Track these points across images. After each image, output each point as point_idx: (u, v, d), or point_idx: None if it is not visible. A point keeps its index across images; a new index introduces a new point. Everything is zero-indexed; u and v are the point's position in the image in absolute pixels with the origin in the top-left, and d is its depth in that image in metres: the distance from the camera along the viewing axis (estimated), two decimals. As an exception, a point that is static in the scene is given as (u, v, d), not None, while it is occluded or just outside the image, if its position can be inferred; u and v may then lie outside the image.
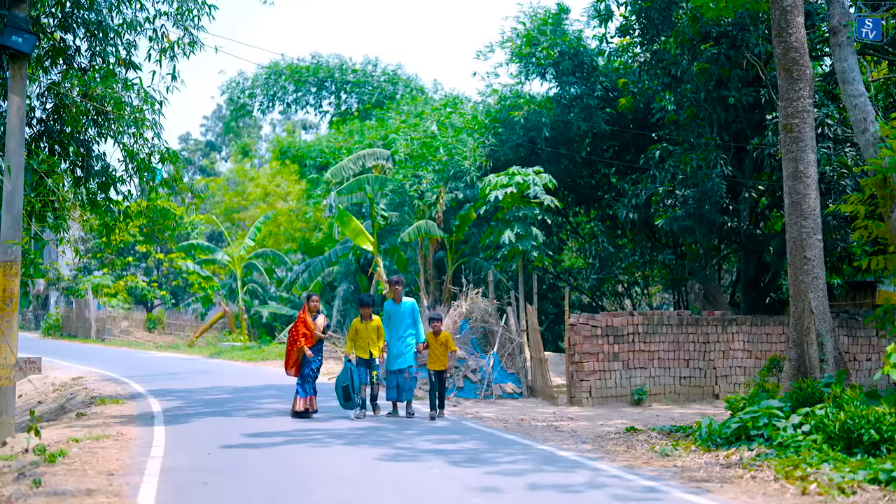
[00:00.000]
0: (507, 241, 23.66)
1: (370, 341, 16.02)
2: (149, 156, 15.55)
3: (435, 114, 31.78)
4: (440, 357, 16.21)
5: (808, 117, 14.16)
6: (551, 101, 27.68)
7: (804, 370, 13.82)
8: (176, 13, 15.55)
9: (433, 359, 16.23)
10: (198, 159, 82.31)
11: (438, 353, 16.21)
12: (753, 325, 20.73)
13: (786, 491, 9.10)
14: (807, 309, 13.81)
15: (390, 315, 16.42)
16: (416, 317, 16.40)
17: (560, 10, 27.65)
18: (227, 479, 9.84)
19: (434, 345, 16.22)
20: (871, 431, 10.24)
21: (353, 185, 29.89)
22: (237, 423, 15.02)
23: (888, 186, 12.58)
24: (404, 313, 16.36)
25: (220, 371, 28.36)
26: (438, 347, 16.20)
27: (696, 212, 21.94)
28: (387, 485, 9.56)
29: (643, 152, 24.96)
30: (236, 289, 44.45)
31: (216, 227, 53.65)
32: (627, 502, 8.73)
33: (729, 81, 22.00)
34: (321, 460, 11.08)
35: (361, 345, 16.03)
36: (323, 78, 44.25)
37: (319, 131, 65.46)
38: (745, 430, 11.96)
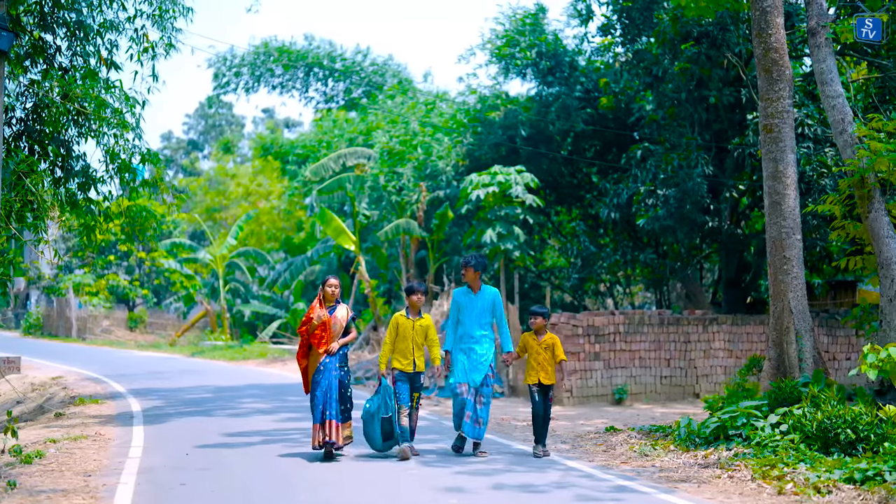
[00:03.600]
0: (488, 241, 23.65)
1: (415, 346, 11.55)
2: (130, 156, 15.47)
3: (417, 110, 31.75)
4: (545, 367, 11.72)
5: (787, 117, 14.20)
6: (531, 100, 27.71)
7: (783, 370, 13.87)
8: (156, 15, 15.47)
9: (535, 369, 11.73)
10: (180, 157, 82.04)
11: (542, 360, 11.74)
12: (734, 325, 20.81)
13: (762, 491, 9.13)
14: (786, 308, 13.86)
15: (461, 308, 11.92)
16: (500, 312, 11.99)
17: (538, 9, 27.67)
18: (205, 479, 9.81)
19: (536, 349, 11.75)
20: (848, 431, 10.29)
21: (334, 184, 29.87)
22: (217, 422, 14.98)
23: (866, 187, 12.63)
24: (483, 308, 11.88)
25: (201, 370, 28.27)
26: (542, 353, 11.73)
27: (677, 211, 21.98)
28: (359, 484, 9.55)
29: (625, 152, 24.99)
30: (218, 288, 44.33)
31: (198, 225, 53.51)
32: (590, 502, 8.75)
33: (710, 81, 22.05)
34: (298, 460, 11.06)
35: (402, 350, 11.53)
36: (312, 64, 44.07)
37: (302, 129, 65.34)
38: (723, 430, 12.00)
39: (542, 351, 11.69)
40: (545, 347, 11.70)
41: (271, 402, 18.47)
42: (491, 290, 11.95)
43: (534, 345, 11.76)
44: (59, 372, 26.93)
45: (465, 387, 11.53)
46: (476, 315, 11.79)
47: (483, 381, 11.63)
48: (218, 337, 42.28)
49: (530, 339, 11.84)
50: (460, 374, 11.65)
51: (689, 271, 27.15)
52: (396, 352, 11.48)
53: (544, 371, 11.67)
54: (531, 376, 11.69)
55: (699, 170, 21.87)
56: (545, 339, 11.78)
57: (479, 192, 23.75)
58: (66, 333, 49.52)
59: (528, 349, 11.80)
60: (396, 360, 11.47)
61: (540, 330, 11.84)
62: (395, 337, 11.53)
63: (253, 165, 54.92)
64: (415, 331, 11.52)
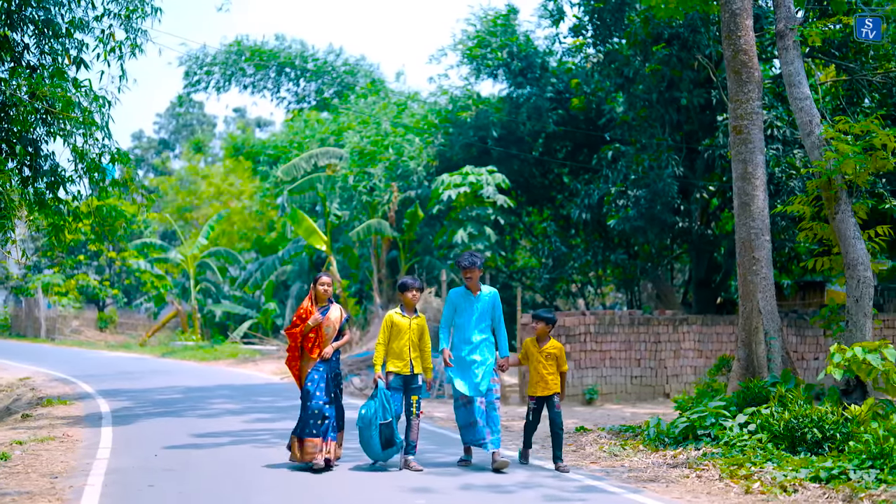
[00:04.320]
0: (460, 241, 23.69)
1: (412, 347, 10.58)
2: (99, 156, 15.35)
3: (389, 110, 31.74)
4: (545, 378, 10.63)
5: (756, 119, 14.28)
6: (503, 101, 27.76)
7: (752, 370, 13.94)
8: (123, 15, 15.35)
9: (535, 379, 10.70)
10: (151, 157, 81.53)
11: (543, 371, 10.65)
12: (704, 325, 20.90)
13: (730, 490, 9.18)
14: (755, 309, 13.94)
15: (458, 309, 10.88)
16: (500, 314, 10.97)
17: (510, 10, 27.73)
18: (173, 480, 9.75)
19: (537, 357, 10.67)
20: (814, 430, 10.36)
21: (305, 184, 29.81)
22: (187, 423, 14.88)
23: (833, 188, 12.73)
24: (484, 310, 10.85)
25: (171, 371, 28.10)
26: (543, 362, 10.65)
27: (647, 212, 22.07)
28: (327, 484, 9.52)
29: (596, 152, 25.09)
30: (189, 288, 44.11)
31: (169, 225, 53.25)
32: (556, 502, 8.76)
33: (680, 83, 22.16)
34: (266, 461, 11.01)
35: (398, 352, 10.54)
36: (283, 63, 43.91)
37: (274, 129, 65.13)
38: (692, 430, 12.06)
39: (544, 360, 10.61)
40: (546, 356, 10.61)
41: (241, 402, 18.40)
42: (491, 291, 10.95)
43: (535, 353, 10.68)
44: (27, 373, 26.69)
45: (466, 399, 10.59)
46: (476, 318, 10.75)
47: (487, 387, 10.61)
48: (189, 337, 42.07)
49: (532, 346, 10.75)
50: (462, 386, 10.60)
51: (660, 272, 27.28)
52: (391, 353, 10.50)
53: (544, 382, 10.58)
54: (531, 388, 10.68)
55: (670, 171, 21.97)
56: (548, 346, 10.67)
57: (451, 192, 23.78)
58: (34, 334, 49.10)
59: (529, 358, 10.75)
60: (391, 362, 10.49)
61: (542, 336, 10.73)
62: (389, 337, 10.54)
63: (224, 165, 54.69)
64: (411, 330, 10.56)
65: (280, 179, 32.56)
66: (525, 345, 10.88)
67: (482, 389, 10.52)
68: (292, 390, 21.50)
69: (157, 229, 55.85)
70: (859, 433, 9.83)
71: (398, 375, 10.48)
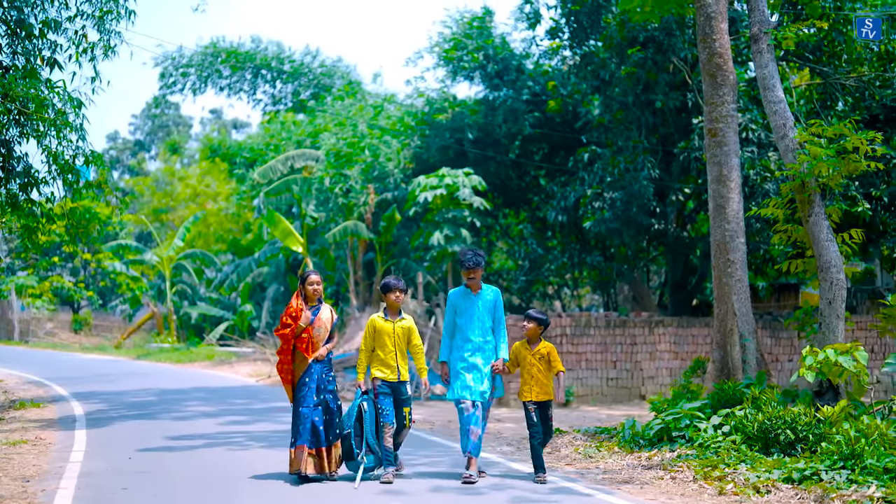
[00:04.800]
0: (436, 243, 23.70)
1: (398, 352, 9.99)
2: (73, 157, 15.25)
3: (365, 112, 31.72)
4: (540, 380, 10.00)
5: (731, 122, 14.35)
6: (479, 103, 27.80)
7: (727, 371, 14.01)
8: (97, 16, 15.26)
9: (529, 384, 10.02)
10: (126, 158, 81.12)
11: (536, 373, 10.01)
12: (679, 327, 20.98)
13: (704, 491, 9.22)
14: (730, 311, 14.00)
15: (458, 311, 10.25)
16: (501, 314, 10.31)
17: (486, 13, 27.78)
18: (146, 483, 9.69)
19: (529, 360, 10.06)
20: (787, 431, 10.42)
21: (282, 186, 29.75)
22: (161, 425, 14.81)
23: (806, 191, 12.80)
24: (486, 309, 10.18)
25: (147, 373, 27.97)
26: (536, 365, 10.02)
27: (623, 214, 22.14)
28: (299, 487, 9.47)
29: (572, 155, 25.15)
30: (165, 289, 43.92)
31: (145, 227, 53.00)
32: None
33: (656, 85, 22.25)
34: (241, 464, 10.97)
35: (384, 358, 9.93)
36: (260, 65, 43.80)
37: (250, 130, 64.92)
38: (667, 432, 12.10)
39: (536, 362, 9.97)
40: (539, 358, 9.98)
41: (217, 405, 18.33)
42: (493, 290, 10.28)
43: (526, 355, 10.05)
44: (0, 375, 26.50)
45: (470, 403, 9.88)
46: (477, 318, 10.07)
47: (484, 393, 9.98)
48: (164, 339, 41.89)
49: (522, 348, 10.15)
50: (463, 389, 9.92)
51: (636, 274, 27.37)
52: (376, 360, 9.89)
53: (539, 386, 9.93)
54: (525, 392, 9.99)
55: (646, 173, 22.05)
56: (539, 348, 10.05)
57: (427, 194, 23.78)
58: (7, 336, 48.76)
59: (520, 361, 10.13)
60: (377, 369, 9.87)
61: (533, 338, 10.13)
62: (372, 343, 9.94)
63: (200, 166, 54.49)
64: (396, 334, 9.91)
65: (256, 181, 32.50)
66: (515, 348, 10.21)
67: (485, 394, 9.95)
68: (268, 392, 21.45)
69: (132, 231, 55.61)
70: (831, 434, 9.89)
71: (385, 382, 9.85)
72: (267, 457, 11.52)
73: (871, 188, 16.91)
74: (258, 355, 31.01)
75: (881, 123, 16.95)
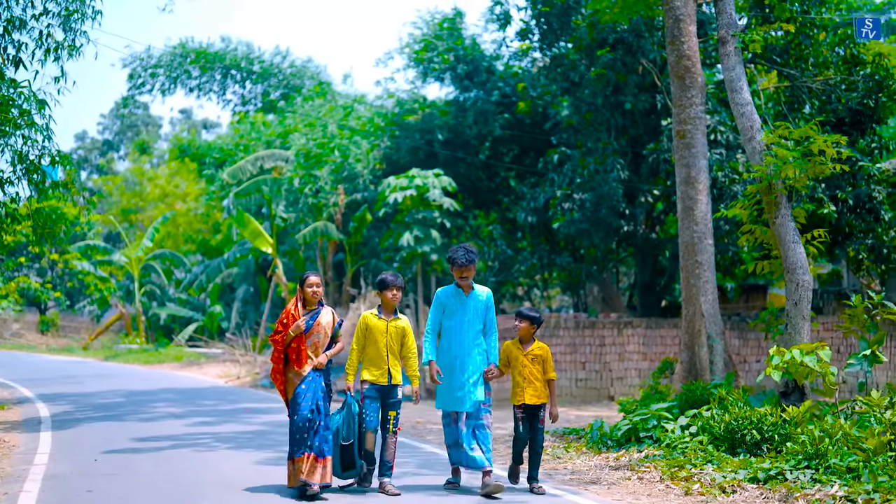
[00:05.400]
0: (406, 244, 23.68)
1: (391, 354, 9.27)
2: (39, 157, 15.13)
3: (336, 113, 31.67)
4: (533, 383, 9.36)
5: (700, 124, 14.44)
6: (449, 105, 27.82)
7: (695, 372, 14.09)
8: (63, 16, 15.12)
9: (521, 386, 9.37)
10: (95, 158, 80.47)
11: (529, 375, 9.38)
12: (648, 328, 21.06)
13: (670, 491, 9.26)
14: (698, 312, 14.08)
15: (447, 312, 9.54)
16: (492, 318, 9.64)
17: (456, 14, 27.81)
18: (112, 485, 9.62)
19: (522, 361, 9.39)
20: (753, 432, 10.48)
21: (251, 187, 29.65)
22: (128, 427, 14.71)
23: (773, 193, 12.89)
24: (477, 311, 9.51)
25: (114, 374, 27.79)
26: (529, 366, 9.38)
27: (593, 215, 22.21)
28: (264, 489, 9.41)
29: (542, 156, 25.21)
30: (134, 290, 43.65)
31: (113, 227, 52.61)
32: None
33: (626, 87, 22.34)
34: (207, 465, 10.92)
35: (374, 359, 9.25)
36: (229, 66, 43.62)
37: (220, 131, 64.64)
38: (635, 433, 12.15)
39: (529, 363, 9.34)
40: (532, 359, 9.35)
41: (185, 406, 18.23)
42: (485, 292, 9.57)
43: (518, 356, 9.39)
44: (-35, 377, 26.26)
45: (454, 416, 9.31)
46: (468, 321, 9.39)
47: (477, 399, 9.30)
48: (133, 340, 41.65)
49: (514, 348, 9.46)
50: (448, 399, 9.33)
51: (605, 275, 27.47)
52: (366, 360, 9.22)
53: (532, 388, 9.31)
54: (516, 395, 9.36)
55: (615, 174, 22.13)
56: (532, 348, 9.42)
57: (397, 195, 23.77)
58: (-27, 337, 48.34)
59: (511, 361, 9.45)
60: (367, 370, 9.19)
61: (526, 338, 9.48)
62: (364, 342, 9.27)
63: (170, 167, 54.15)
64: (389, 334, 9.22)
65: (226, 182, 32.38)
66: (505, 348, 9.50)
67: (476, 402, 9.25)
68: (237, 393, 21.38)
69: (100, 231, 55.16)
70: (796, 434, 9.96)
71: (374, 385, 9.17)
72: (234, 458, 11.47)
73: (837, 190, 17.04)
74: (227, 356, 30.88)
75: (847, 126, 17.09)
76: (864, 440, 9.28)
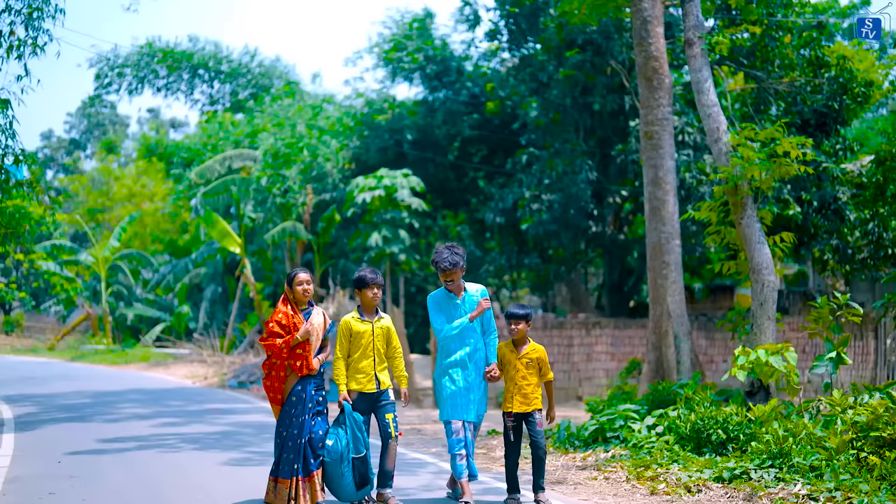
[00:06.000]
0: (374, 244, 23.65)
1: (377, 357, 8.53)
2: (2, 157, 14.97)
3: (304, 113, 31.59)
4: (523, 388, 8.52)
5: (667, 125, 14.51)
6: (418, 105, 27.83)
7: (662, 372, 14.17)
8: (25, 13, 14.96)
9: (511, 392, 8.56)
10: (61, 157, 79.80)
11: (521, 380, 8.53)
12: (616, 328, 21.14)
13: (636, 491, 9.29)
14: (665, 312, 14.15)
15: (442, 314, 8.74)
16: (490, 318, 8.86)
17: (426, 14, 27.83)
18: (75, 487, 9.53)
19: (515, 365, 8.55)
20: (719, 431, 10.54)
21: (220, 187, 29.50)
22: (93, 428, 14.58)
23: (739, 194, 12.96)
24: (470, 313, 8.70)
25: (80, 375, 27.54)
26: (522, 370, 8.52)
27: (561, 216, 22.27)
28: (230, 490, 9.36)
29: (511, 157, 25.26)
30: (100, 290, 43.30)
31: (80, 227, 52.21)
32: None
33: (594, 88, 22.42)
34: (173, 466, 10.84)
35: (360, 366, 8.48)
36: (197, 65, 43.36)
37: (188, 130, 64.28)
38: (602, 433, 12.19)
39: (523, 368, 8.49)
40: (527, 363, 8.49)
41: (151, 407, 18.10)
42: (479, 291, 8.81)
43: (512, 359, 8.53)
44: (-72, 378, 25.95)
45: (461, 423, 8.56)
46: (465, 325, 8.59)
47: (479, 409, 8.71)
48: (99, 341, 41.31)
49: (507, 350, 8.61)
50: (451, 408, 8.58)
51: (574, 276, 27.53)
52: (352, 368, 8.44)
53: (521, 394, 8.47)
54: (506, 402, 8.56)
55: (583, 175, 22.20)
56: (527, 351, 8.56)
57: (366, 195, 23.74)
58: (-64, 338, 47.80)
59: (503, 365, 8.61)
60: (352, 378, 8.44)
61: (521, 340, 8.59)
62: (348, 348, 8.46)
63: (137, 166, 53.76)
64: (374, 336, 8.47)
65: (194, 182, 32.21)
66: (498, 352, 8.71)
67: (480, 412, 8.69)
68: (204, 394, 21.26)
69: (67, 231, 54.67)
70: (761, 434, 10.02)
71: (362, 394, 8.44)
72: (200, 459, 11.40)
73: (803, 191, 17.18)
74: (195, 357, 30.70)
75: (812, 128, 17.23)
76: (828, 439, 9.36)
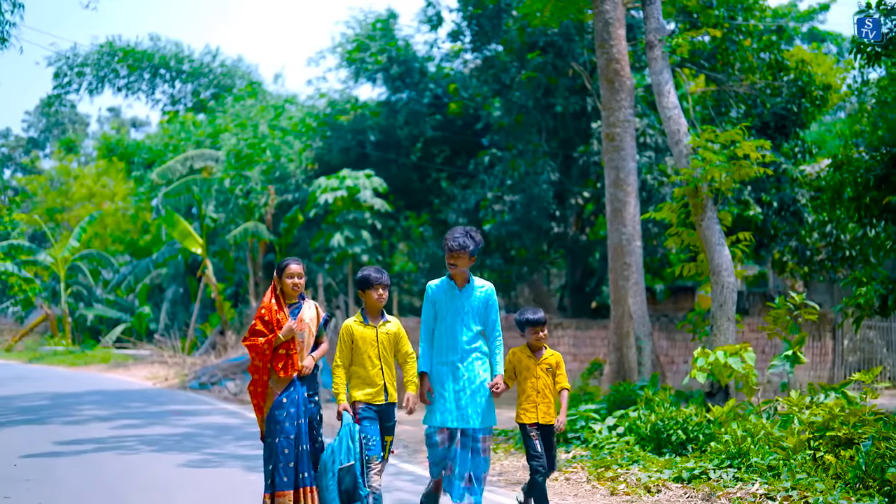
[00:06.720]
0: (337, 245, 23.61)
1: (385, 366, 7.42)
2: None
3: (267, 113, 31.46)
4: (547, 396, 7.80)
5: (628, 127, 14.59)
6: (381, 105, 27.80)
7: (623, 373, 14.23)
8: None
9: (534, 401, 7.77)
10: (19, 156, 78.92)
11: (544, 388, 7.80)
12: (578, 329, 21.19)
13: (597, 492, 9.33)
14: (626, 313, 14.22)
15: (440, 311, 7.66)
16: (496, 317, 7.72)
17: (389, 15, 27.81)
18: (31, 491, 9.42)
19: (535, 372, 7.79)
20: (679, 432, 10.60)
21: (181, 187, 29.31)
22: (51, 430, 14.43)
23: (699, 196, 13.05)
24: (473, 310, 7.63)
25: (39, 377, 27.25)
26: (543, 377, 7.79)
27: (523, 217, 22.32)
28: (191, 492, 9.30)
29: (473, 157, 25.29)
30: (60, 291, 42.89)
31: (38, 226, 51.68)
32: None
33: (556, 90, 22.49)
34: (132, 468, 10.76)
35: (366, 375, 7.36)
36: (158, 65, 43.02)
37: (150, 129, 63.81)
38: (563, 434, 12.21)
39: (543, 374, 7.79)
40: (546, 369, 7.80)
41: (111, 408, 17.95)
42: (484, 287, 7.73)
43: (531, 366, 7.79)
44: None
45: (447, 433, 7.44)
46: (462, 320, 7.56)
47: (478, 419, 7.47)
48: (58, 342, 40.92)
49: (524, 357, 7.85)
50: (437, 413, 7.45)
51: (536, 276, 27.60)
52: (355, 377, 7.37)
53: (545, 404, 7.76)
54: (528, 412, 7.75)
55: (545, 176, 22.26)
56: (546, 357, 7.87)
57: (328, 196, 23.70)
58: None
59: (520, 373, 7.83)
60: (358, 389, 7.33)
61: (538, 346, 7.92)
62: (350, 356, 7.39)
63: (97, 166, 53.31)
64: (380, 342, 7.39)
65: (155, 182, 31.97)
66: (513, 357, 7.88)
67: (470, 420, 7.42)
68: (165, 395, 21.11)
69: (25, 230, 54.05)
70: (720, 434, 10.10)
71: (368, 406, 7.31)
72: (159, 460, 11.32)
73: (762, 193, 17.34)
74: (156, 358, 30.45)
75: (771, 130, 17.40)
76: (785, 439, 9.45)
